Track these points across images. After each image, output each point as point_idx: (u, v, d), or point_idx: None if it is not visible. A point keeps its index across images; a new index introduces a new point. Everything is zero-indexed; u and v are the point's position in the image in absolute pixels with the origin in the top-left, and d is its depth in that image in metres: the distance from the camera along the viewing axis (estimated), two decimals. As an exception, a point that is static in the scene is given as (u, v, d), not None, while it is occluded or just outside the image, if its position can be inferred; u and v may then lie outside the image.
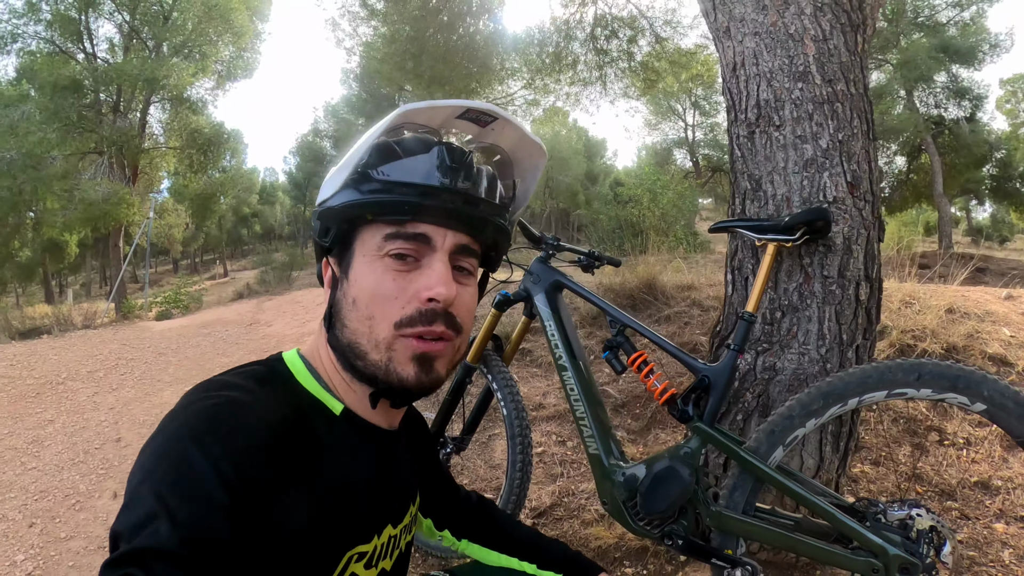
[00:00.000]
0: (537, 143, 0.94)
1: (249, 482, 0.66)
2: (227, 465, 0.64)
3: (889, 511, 1.45)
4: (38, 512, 3.35)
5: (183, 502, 0.61)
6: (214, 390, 0.75)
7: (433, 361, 0.84)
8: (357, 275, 0.82)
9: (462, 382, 2.21)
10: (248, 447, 0.68)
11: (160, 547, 0.57)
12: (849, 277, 1.86)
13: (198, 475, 0.63)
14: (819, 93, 1.89)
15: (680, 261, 6.29)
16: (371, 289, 0.81)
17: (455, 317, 0.84)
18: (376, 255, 0.81)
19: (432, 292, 0.80)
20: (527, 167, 0.99)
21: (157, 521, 0.59)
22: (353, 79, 24.70)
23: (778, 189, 1.93)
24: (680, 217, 13.97)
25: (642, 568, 2.14)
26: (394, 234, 0.81)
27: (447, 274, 0.82)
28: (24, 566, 2.82)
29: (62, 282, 38.98)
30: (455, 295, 0.83)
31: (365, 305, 0.81)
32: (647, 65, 11.50)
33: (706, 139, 33.14)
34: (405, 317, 0.81)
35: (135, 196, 17.27)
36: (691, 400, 1.65)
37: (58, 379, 6.21)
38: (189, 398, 0.74)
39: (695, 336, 3.89)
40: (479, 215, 0.85)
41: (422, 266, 0.82)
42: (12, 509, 3.39)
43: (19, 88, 18.82)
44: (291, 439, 0.76)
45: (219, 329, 9.04)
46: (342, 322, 0.84)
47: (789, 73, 1.92)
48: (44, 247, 26.22)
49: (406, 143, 0.83)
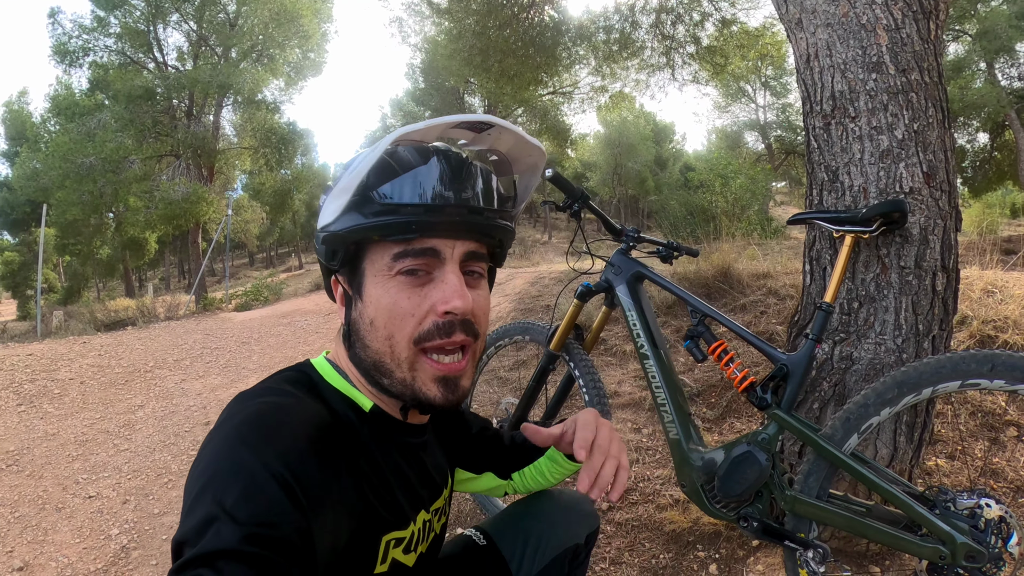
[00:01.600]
0: (536, 145, 0.94)
1: (300, 477, 0.69)
2: (278, 463, 0.68)
3: (958, 500, 1.47)
4: (131, 490, 3.47)
5: (241, 502, 0.63)
6: (255, 397, 0.79)
7: (457, 380, 0.87)
8: (370, 296, 0.84)
9: (545, 369, 2.28)
10: (295, 445, 0.72)
11: (225, 547, 0.59)
12: (926, 267, 1.87)
13: (252, 475, 0.66)
14: (893, 83, 1.90)
15: (755, 249, 6.17)
16: (387, 308, 0.82)
17: (472, 323, 0.86)
18: (387, 274, 0.82)
19: (449, 305, 0.82)
20: (526, 165, 0.99)
21: (218, 523, 0.61)
22: (418, 72, 24.97)
23: (855, 180, 1.94)
24: (753, 202, 13.69)
25: (714, 552, 2.19)
26: (402, 252, 0.81)
27: (460, 285, 0.83)
28: (119, 539, 2.94)
29: (141, 277, 40.73)
30: (472, 305, 0.84)
31: (383, 325, 0.83)
32: (714, 49, 11.28)
33: (778, 120, 32.08)
34: (423, 332, 0.83)
35: (212, 195, 17.88)
36: (769, 388, 1.70)
37: (146, 367, 6.44)
38: (232, 408, 0.77)
39: (771, 325, 3.86)
40: (484, 222, 0.85)
41: (434, 279, 0.83)
42: (106, 487, 3.52)
43: (94, 98, 19.76)
44: (331, 435, 0.80)
45: (299, 319, 9.23)
46: (362, 342, 0.86)
47: (863, 64, 1.93)
48: (124, 245, 27.50)
49: (402, 157, 0.82)
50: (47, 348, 7.30)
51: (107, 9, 17.15)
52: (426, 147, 0.84)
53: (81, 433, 4.48)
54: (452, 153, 0.84)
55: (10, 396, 5.33)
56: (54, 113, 22.73)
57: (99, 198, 16.63)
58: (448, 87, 24.43)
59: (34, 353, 6.84)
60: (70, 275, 33.53)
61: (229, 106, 19.83)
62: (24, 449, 4.17)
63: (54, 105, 22.89)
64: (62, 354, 6.90)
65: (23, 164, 19.03)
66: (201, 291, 15.63)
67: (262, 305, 12.86)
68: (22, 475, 3.75)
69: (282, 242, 53.60)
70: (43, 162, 17.39)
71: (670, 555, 2.23)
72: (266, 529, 0.62)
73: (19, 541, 2.96)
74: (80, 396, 5.45)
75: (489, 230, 0.87)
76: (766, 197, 15.71)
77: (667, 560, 2.20)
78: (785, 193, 37.22)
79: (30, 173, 17.78)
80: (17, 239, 32.33)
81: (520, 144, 0.94)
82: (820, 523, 1.64)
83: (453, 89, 24.53)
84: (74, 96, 21.52)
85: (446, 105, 25.32)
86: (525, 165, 0.99)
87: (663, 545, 2.29)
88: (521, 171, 1.00)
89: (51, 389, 5.60)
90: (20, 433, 4.49)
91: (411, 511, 0.93)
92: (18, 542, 2.95)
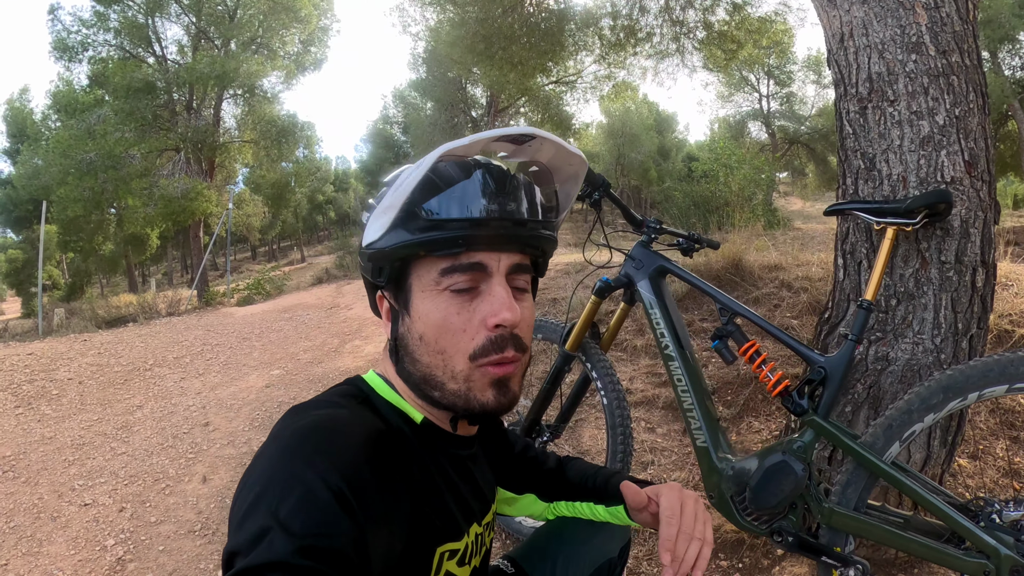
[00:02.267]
0: (577, 154, 0.94)
1: (355, 489, 0.68)
2: (334, 475, 0.66)
3: (1004, 511, 1.39)
4: (128, 497, 3.39)
5: (295, 513, 0.62)
6: (309, 410, 0.79)
7: (509, 382, 0.87)
8: (419, 312, 0.84)
9: (560, 370, 2.18)
10: (351, 457, 0.71)
11: (278, 559, 0.58)
12: (966, 262, 1.76)
13: (308, 487, 0.64)
14: (934, 65, 1.78)
15: (765, 240, 6.08)
16: (438, 324, 0.83)
17: (520, 338, 0.86)
18: (435, 289, 0.83)
19: (498, 319, 0.82)
20: (566, 175, 0.98)
21: (272, 534, 0.60)
22: (421, 63, 24.82)
23: (893, 168, 1.82)
24: (758, 192, 13.56)
25: (737, 561, 2.10)
26: (450, 268, 0.82)
27: (509, 298, 0.84)
28: (115, 551, 2.83)
29: (144, 272, 40.81)
30: (520, 317, 0.85)
31: (434, 340, 0.83)
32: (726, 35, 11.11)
33: (782, 110, 31.79)
34: (478, 348, 0.83)
35: (213, 189, 17.83)
36: (806, 392, 1.59)
37: (145, 366, 6.37)
38: (286, 421, 0.77)
39: (786, 319, 3.76)
40: (528, 233, 0.86)
41: (481, 292, 0.84)
42: (102, 494, 3.44)
43: (93, 94, 19.71)
44: (386, 446, 0.79)
45: (300, 313, 9.18)
46: (412, 357, 0.86)
47: (902, 44, 1.81)
48: (126, 240, 27.52)
49: (445, 173, 0.82)
50: (47, 347, 7.23)
51: (106, 3, 17.02)
52: (468, 162, 0.84)
53: (78, 436, 4.39)
54: (494, 166, 0.84)
55: (8, 398, 5.24)
56: (55, 110, 22.68)
57: (100, 194, 16.59)
58: (451, 77, 24.27)
59: (34, 352, 6.77)
60: (73, 271, 33.63)
61: (229, 99, 19.74)
62: (21, 454, 4.08)
63: (55, 102, 22.79)
64: (62, 353, 6.82)
65: (25, 162, 18.96)
66: (203, 285, 15.59)
67: (263, 299, 12.82)
68: (18, 482, 3.67)
69: (284, 235, 53.67)
70: (44, 158, 17.35)
71: (691, 565, 2.12)
72: (320, 540, 0.61)
73: (14, 553, 2.88)
74: (78, 397, 5.38)
75: (533, 241, 0.88)
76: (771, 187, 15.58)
77: (688, 570, 2.10)
78: (788, 184, 37.07)
79: (32, 171, 17.72)
80: (20, 236, 32.29)
81: (561, 154, 0.93)
82: (857, 536, 1.54)
83: (456, 79, 24.39)
84: (74, 92, 21.47)
85: (448, 96, 25.17)
86: (566, 174, 0.98)
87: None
88: (562, 180, 0.99)
89: (49, 390, 5.52)
90: (17, 437, 4.40)
91: (464, 523, 0.93)
92: (13, 554, 2.87)
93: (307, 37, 19.79)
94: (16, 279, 33.78)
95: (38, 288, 12.85)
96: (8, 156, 29.52)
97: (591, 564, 1.21)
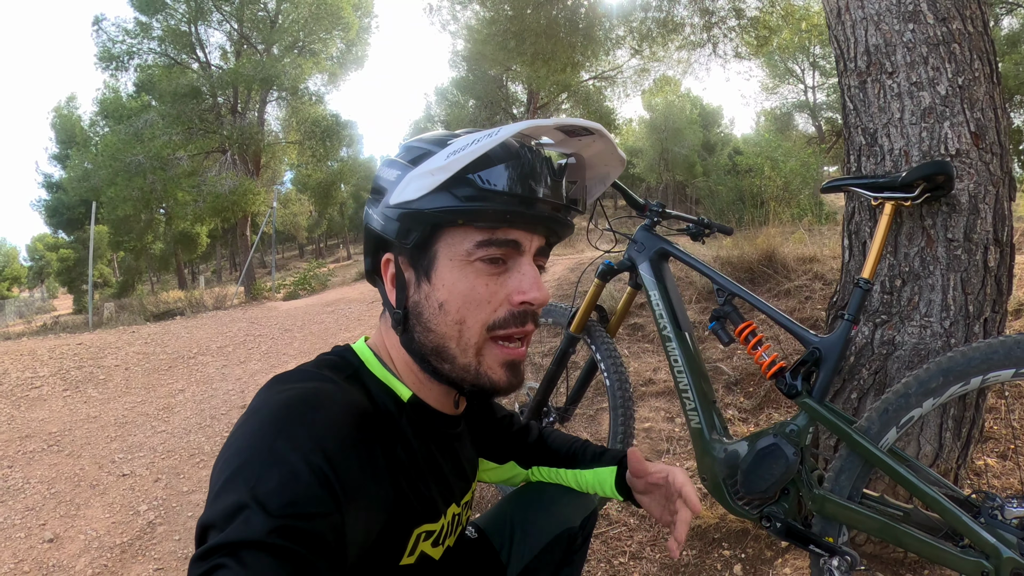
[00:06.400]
0: (621, 157, 0.97)
1: (337, 469, 0.66)
2: (316, 454, 0.65)
3: (1007, 507, 1.29)
4: (164, 469, 3.57)
5: (274, 492, 0.60)
6: (292, 381, 0.77)
7: (519, 364, 0.89)
8: (444, 280, 0.83)
9: (565, 351, 2.19)
10: (334, 435, 0.69)
11: (252, 538, 0.56)
12: (976, 240, 1.67)
13: (288, 465, 0.63)
14: (933, 34, 1.71)
15: (803, 232, 5.93)
16: (463, 294, 0.82)
17: (537, 315, 0.89)
18: (465, 259, 0.82)
19: (528, 296, 0.83)
20: (598, 173, 1.02)
21: (248, 511, 0.58)
22: (461, 61, 24.93)
23: (895, 143, 1.76)
24: (804, 186, 13.25)
25: (740, 551, 2.06)
26: (487, 241, 0.81)
27: (538, 278, 0.86)
28: (147, 515, 3.02)
29: (194, 270, 41.92)
30: (547, 297, 0.86)
31: (456, 310, 0.83)
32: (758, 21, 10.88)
33: (828, 101, 30.86)
34: (498, 320, 0.84)
35: (260, 187, 18.25)
36: (800, 374, 1.54)
37: (189, 354, 6.59)
38: (270, 391, 0.75)
39: (816, 311, 3.68)
40: (561, 219, 0.88)
41: (509, 269, 0.84)
42: (140, 466, 3.63)
43: (140, 100, 20.41)
44: (371, 424, 0.78)
45: (343, 307, 9.35)
46: (425, 326, 0.85)
47: (898, 14, 1.75)
48: (176, 239, 28.34)
49: (503, 147, 0.82)
50: (96, 337, 7.53)
51: (148, 13, 17.49)
52: (520, 144, 0.85)
53: (121, 416, 4.60)
54: (540, 151, 0.86)
55: (57, 382, 5.51)
56: (102, 116, 23.51)
57: (149, 194, 17.06)
58: (491, 76, 24.34)
59: (83, 343, 7.06)
60: (124, 270, 34.78)
61: (273, 101, 20.13)
62: (66, 431, 4.30)
63: (102, 108, 23.71)
64: (110, 343, 7.10)
65: (74, 166, 19.52)
66: (250, 281, 15.91)
67: (308, 294, 13.07)
68: (62, 455, 3.88)
69: (331, 234, 54.55)
70: (93, 162, 17.86)
71: (694, 552, 2.09)
72: (298, 522, 0.60)
73: (53, 515, 3.07)
74: (124, 382, 5.61)
75: (561, 228, 0.89)
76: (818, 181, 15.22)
77: (690, 557, 2.07)
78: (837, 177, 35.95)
79: (81, 174, 18.22)
80: (72, 237, 33.52)
81: (605, 153, 0.96)
82: (850, 527, 1.47)
83: (496, 77, 24.44)
84: (121, 99, 22.19)
85: (489, 93, 25.26)
86: (598, 173, 1.02)
87: (687, 541, 2.15)
88: (591, 177, 1.02)
89: (96, 375, 5.77)
90: (63, 416, 4.64)
91: (443, 504, 0.93)
92: (51, 516, 3.07)
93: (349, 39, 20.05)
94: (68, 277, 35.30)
95: (88, 284, 13.29)
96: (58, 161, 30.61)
97: (549, 532, 1.21)
